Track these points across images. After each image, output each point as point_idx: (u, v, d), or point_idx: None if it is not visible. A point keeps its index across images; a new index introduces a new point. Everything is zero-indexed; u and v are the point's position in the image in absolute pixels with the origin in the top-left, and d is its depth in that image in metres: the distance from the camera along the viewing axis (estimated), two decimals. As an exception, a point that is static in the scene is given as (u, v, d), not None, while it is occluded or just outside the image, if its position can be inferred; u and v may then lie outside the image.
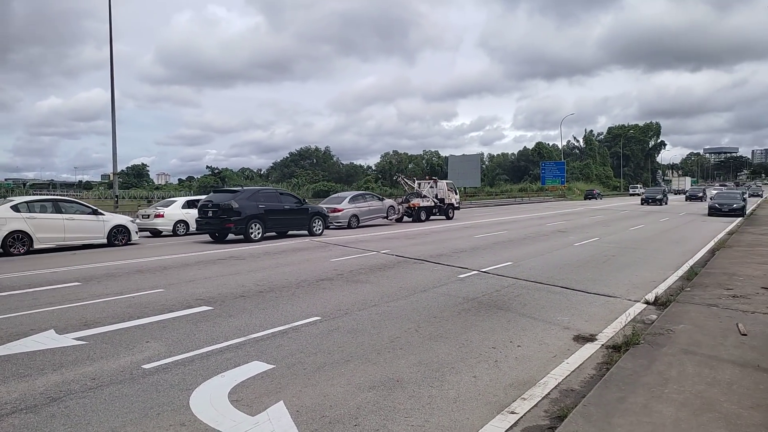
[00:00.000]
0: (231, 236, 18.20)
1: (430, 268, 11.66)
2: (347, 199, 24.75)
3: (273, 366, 5.34)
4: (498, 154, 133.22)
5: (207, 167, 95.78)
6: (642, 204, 46.35)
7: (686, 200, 54.51)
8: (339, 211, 23.59)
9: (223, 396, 4.59)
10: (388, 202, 27.40)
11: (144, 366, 5.37)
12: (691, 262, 12.72)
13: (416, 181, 30.03)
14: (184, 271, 11.32)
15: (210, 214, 17.84)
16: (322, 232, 20.33)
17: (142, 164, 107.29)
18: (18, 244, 14.82)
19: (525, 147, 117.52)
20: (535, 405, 4.49)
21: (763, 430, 3.75)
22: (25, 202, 15.83)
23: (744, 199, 33.88)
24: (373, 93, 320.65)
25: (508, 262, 12.50)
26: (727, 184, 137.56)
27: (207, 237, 18.84)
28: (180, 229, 21.19)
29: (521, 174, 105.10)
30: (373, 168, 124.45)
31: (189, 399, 4.54)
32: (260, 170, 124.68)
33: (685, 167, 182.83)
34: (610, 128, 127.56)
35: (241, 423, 4.07)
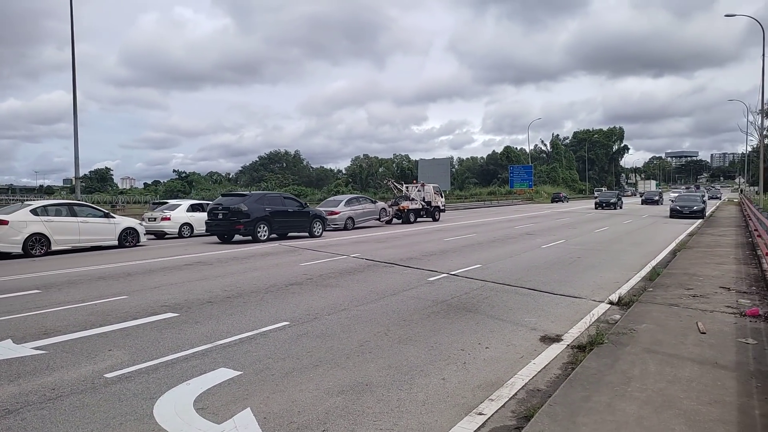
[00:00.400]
0: (236, 237, 19.35)
1: (400, 272, 11.69)
2: (343, 203, 25.72)
3: (240, 372, 5.26)
4: (467, 158, 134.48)
5: (174, 171, 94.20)
6: (596, 208, 44.80)
7: (642, 203, 52.67)
8: (336, 213, 24.51)
9: (188, 404, 4.50)
10: (380, 204, 28.50)
11: (106, 375, 5.23)
12: (653, 263, 13.07)
13: (404, 185, 31.54)
14: (149, 278, 11.08)
15: (220, 216, 18.84)
16: (321, 233, 21.27)
17: (106, 168, 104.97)
18: (38, 246, 15.45)
19: (494, 151, 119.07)
20: (503, 405, 4.54)
21: (720, 425, 3.86)
22: (42, 206, 16.36)
23: (704, 202, 35.00)
24: (343, 96, 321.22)
25: (477, 264, 12.62)
26: (691, 187, 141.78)
27: (208, 238, 20.24)
28: (185, 231, 22.15)
29: (490, 177, 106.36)
30: (344, 172, 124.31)
31: (153, 408, 4.43)
32: (229, 174, 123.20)
33: (648, 171, 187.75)
34: (575, 133, 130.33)
35: (206, 431, 4.00)
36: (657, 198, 53.67)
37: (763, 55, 35.08)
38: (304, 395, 4.71)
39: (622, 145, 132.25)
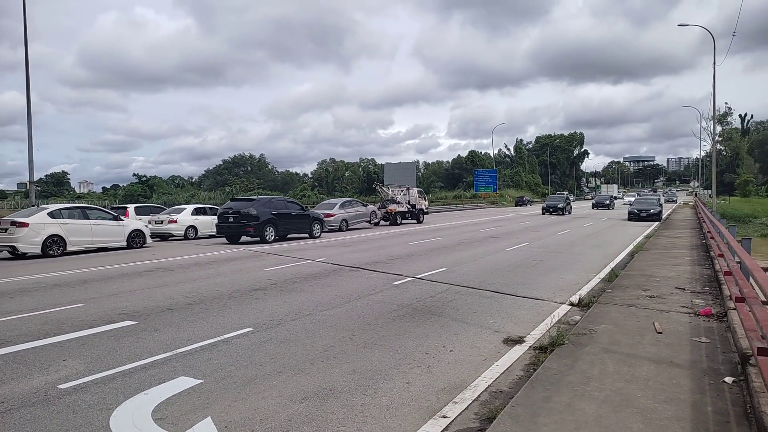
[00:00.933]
0: (243, 238, 20.77)
1: (366, 276, 11.67)
2: (338, 206, 27.50)
3: (201, 381, 5.15)
4: (433, 162, 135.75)
5: (134, 175, 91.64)
6: (543, 213, 41.42)
7: (592, 208, 50.80)
8: (331, 216, 25.96)
9: (146, 414, 4.38)
10: (371, 207, 30.52)
11: (60, 386, 5.04)
12: (612, 265, 13.40)
13: (390, 189, 33.74)
14: (106, 285, 10.75)
15: (231, 219, 20.12)
16: (320, 234, 22.94)
17: (63, 172, 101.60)
18: (55, 246, 16.39)
19: (459, 155, 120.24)
20: (466, 408, 4.57)
21: (675, 422, 3.98)
22: (59, 209, 17.48)
23: (660, 205, 36.13)
24: (309, 100, 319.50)
25: (442, 267, 12.71)
26: (644, 191, 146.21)
27: (210, 240, 21.78)
28: (190, 233, 23.26)
29: (455, 181, 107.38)
30: (310, 176, 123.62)
31: (109, 419, 4.30)
32: (192, 178, 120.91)
33: (607, 175, 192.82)
34: (537, 137, 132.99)
35: (165, 442, 3.90)
36: (608, 202, 52.05)
37: (714, 64, 36.56)
38: (267, 402, 4.64)
39: (583, 149, 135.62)
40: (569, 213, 42.88)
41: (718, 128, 76.90)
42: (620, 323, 7.00)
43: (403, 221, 31.98)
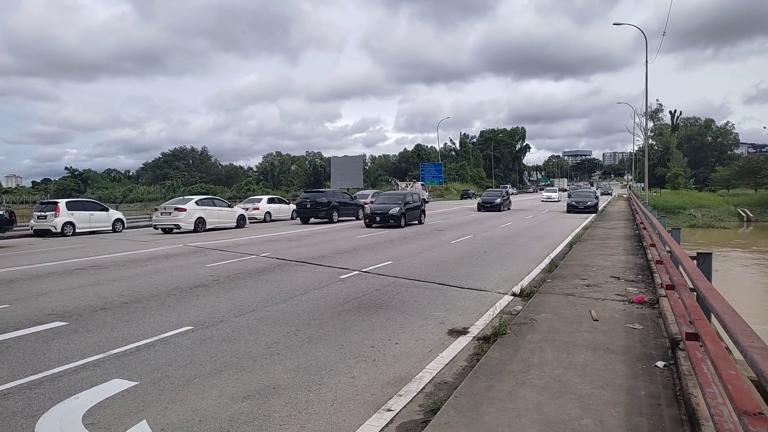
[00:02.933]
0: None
1: (311, 270, 11.54)
2: (370, 196, 34.04)
3: (136, 383, 4.93)
4: (380, 156, 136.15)
5: (66, 168, 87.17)
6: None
7: (478, 209, 37.04)
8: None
9: (76, 420, 4.15)
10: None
11: (-20, 394, 4.70)
12: (552, 255, 13.82)
13: (397, 183, 44.51)
14: (34, 284, 10.15)
15: (308, 205, 26.96)
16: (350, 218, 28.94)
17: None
18: (201, 225, 22.33)
19: (405, 149, 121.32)
20: (411, 400, 4.58)
21: (611, 407, 4.12)
22: (200, 198, 23.80)
23: (597, 197, 37.57)
24: (254, 92, 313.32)
25: (388, 261, 12.73)
26: (583, 183, 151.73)
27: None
28: (267, 217, 29.07)
29: (402, 175, 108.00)
30: (255, 169, 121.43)
31: (35, 426, 4.05)
32: (129, 171, 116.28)
33: (547, 168, 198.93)
34: (482, 132, 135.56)
35: (96, 449, 3.70)
36: (498, 201, 37.13)
37: (646, 62, 38.27)
38: (207, 403, 4.49)
39: (525, 144, 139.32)
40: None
41: (650, 124, 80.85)
42: (559, 312, 7.21)
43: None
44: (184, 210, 22.18)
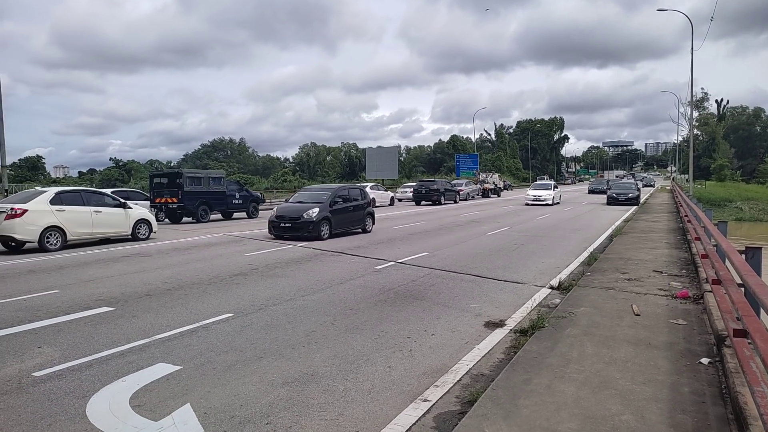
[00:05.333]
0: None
1: (347, 261, 11.63)
2: (463, 183, 43.77)
3: (180, 367, 5.08)
4: (415, 147, 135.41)
5: (110, 159, 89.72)
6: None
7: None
8: (461, 191, 40.22)
9: (123, 401, 4.31)
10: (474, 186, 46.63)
11: (35, 374, 4.94)
12: (591, 249, 13.56)
13: (480, 174, 52.61)
14: (82, 271, 10.56)
15: (423, 191, 35.94)
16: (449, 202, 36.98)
17: (37, 156, 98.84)
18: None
19: (440, 140, 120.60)
20: (447, 391, 4.59)
21: (653, 403, 4.03)
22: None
23: (638, 189, 36.59)
24: (292, 82, 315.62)
25: (424, 252, 12.72)
26: (623, 173, 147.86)
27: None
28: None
29: (437, 166, 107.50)
30: (291, 160, 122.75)
31: (85, 407, 4.22)
32: (170, 162, 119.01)
33: (586, 159, 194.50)
34: (518, 122, 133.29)
35: (143, 429, 3.84)
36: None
37: (692, 49, 36.88)
38: (247, 388, 4.60)
39: (563, 134, 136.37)
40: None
41: (695, 113, 78.07)
42: (599, 306, 7.08)
43: (490, 196, 48.16)
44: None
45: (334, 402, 4.34)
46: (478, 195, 44.88)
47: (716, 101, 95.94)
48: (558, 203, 33.88)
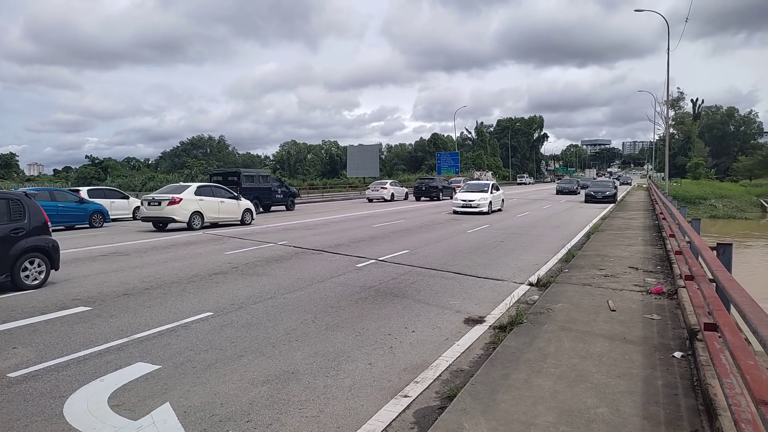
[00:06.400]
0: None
1: (328, 259, 11.63)
2: (461, 181, 45.93)
3: (159, 366, 5.05)
4: (396, 145, 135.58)
5: (87, 156, 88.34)
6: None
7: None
8: (459, 187, 39.38)
9: (102, 401, 4.28)
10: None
11: (10, 375, 4.87)
12: (569, 246, 13.75)
13: (476, 173, 55.23)
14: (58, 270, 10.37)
15: (424, 188, 38.65)
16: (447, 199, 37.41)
17: (11, 153, 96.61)
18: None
19: (421, 138, 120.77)
20: (427, 387, 4.63)
21: (627, 396, 4.13)
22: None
23: (615, 187, 37.15)
24: (273, 80, 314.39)
25: (404, 250, 12.77)
26: (600, 172, 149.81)
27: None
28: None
29: (418, 164, 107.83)
30: (271, 158, 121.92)
31: (63, 407, 4.18)
32: (148, 160, 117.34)
33: (565, 158, 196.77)
34: (499, 121, 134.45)
35: (122, 428, 3.82)
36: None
37: (668, 49, 37.52)
38: (228, 387, 4.59)
39: (542, 133, 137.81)
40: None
41: (671, 113, 79.47)
42: (576, 302, 7.20)
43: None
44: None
45: (314, 399, 4.35)
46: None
47: (692, 101, 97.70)
48: (499, 210, 26.21)
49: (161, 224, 17.98)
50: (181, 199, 17.66)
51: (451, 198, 37.76)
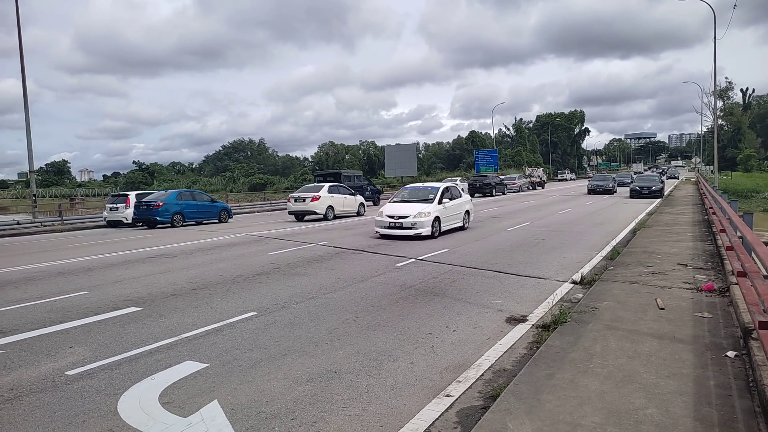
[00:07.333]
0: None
1: (368, 258, 11.70)
2: (516, 177, 51.61)
3: (206, 365, 5.19)
4: (433, 144, 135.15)
5: (134, 162, 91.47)
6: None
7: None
8: (514, 184, 47.18)
9: (153, 399, 4.43)
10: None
11: (67, 372, 5.10)
12: (614, 243, 13.41)
13: (527, 169, 59.73)
14: (109, 272, 10.80)
15: (478, 185, 41.41)
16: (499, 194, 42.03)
17: (63, 161, 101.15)
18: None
19: (459, 136, 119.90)
20: (470, 387, 4.61)
21: (678, 396, 4.01)
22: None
23: (662, 182, 36.00)
24: (311, 82, 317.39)
25: (444, 249, 12.72)
26: (645, 167, 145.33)
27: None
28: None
29: (456, 162, 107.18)
30: (310, 159, 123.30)
31: (117, 404, 4.35)
32: (192, 164, 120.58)
33: (608, 153, 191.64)
34: (538, 116, 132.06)
35: (172, 425, 3.94)
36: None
37: (714, 38, 36.19)
38: (272, 385, 4.69)
39: (583, 127, 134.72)
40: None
41: (720, 103, 76.43)
42: (622, 300, 7.03)
43: (536, 188, 54.56)
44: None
45: (357, 398, 4.39)
46: (528, 187, 52.23)
47: (741, 90, 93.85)
48: (464, 228, 17.05)
49: (302, 216, 22.76)
50: (319, 197, 22.38)
51: (503, 193, 42.87)
